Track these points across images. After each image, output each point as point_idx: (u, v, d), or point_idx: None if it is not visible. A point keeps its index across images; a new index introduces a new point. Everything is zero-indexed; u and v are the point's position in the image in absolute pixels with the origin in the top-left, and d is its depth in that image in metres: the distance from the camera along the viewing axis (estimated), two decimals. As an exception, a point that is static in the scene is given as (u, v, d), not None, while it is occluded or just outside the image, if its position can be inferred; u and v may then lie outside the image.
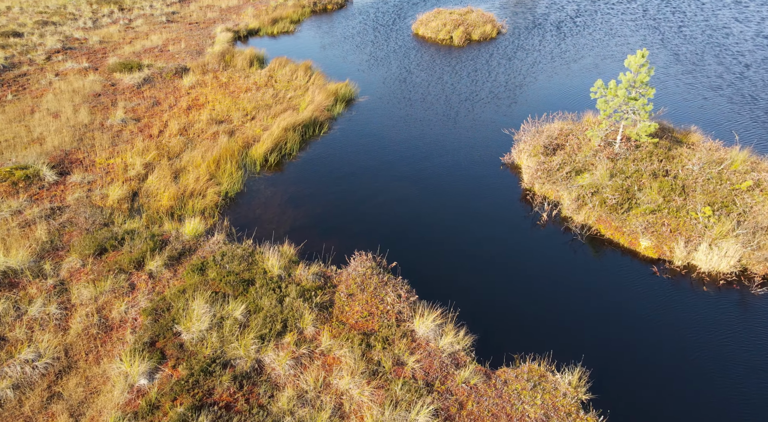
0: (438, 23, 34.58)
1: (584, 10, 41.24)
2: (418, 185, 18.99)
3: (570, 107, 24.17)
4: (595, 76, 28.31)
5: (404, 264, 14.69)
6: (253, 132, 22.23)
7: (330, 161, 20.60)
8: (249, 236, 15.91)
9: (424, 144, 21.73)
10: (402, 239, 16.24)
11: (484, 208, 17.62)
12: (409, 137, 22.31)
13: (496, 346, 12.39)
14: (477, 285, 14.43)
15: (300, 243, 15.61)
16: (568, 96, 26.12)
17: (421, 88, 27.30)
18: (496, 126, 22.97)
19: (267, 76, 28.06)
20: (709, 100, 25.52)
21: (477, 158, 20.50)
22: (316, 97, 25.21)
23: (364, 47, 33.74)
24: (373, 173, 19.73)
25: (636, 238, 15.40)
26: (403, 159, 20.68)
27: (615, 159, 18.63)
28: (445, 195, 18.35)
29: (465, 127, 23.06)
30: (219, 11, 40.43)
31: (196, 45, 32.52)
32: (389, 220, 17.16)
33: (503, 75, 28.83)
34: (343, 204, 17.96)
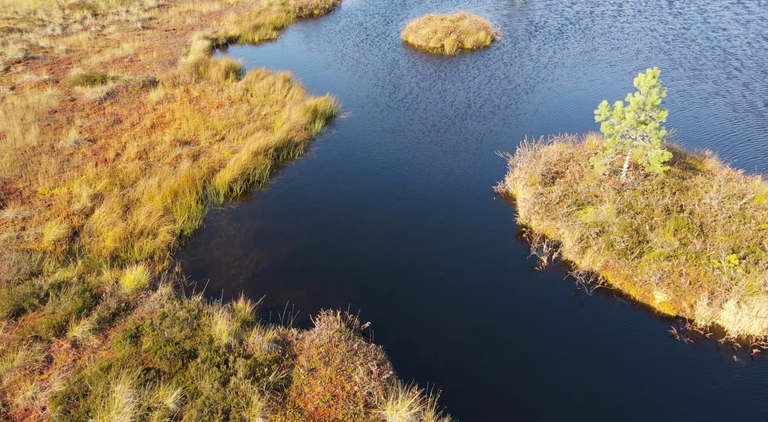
0: (428, 30, 32.28)
1: (582, 16, 38.99)
2: (401, 220, 16.68)
3: (570, 126, 21.91)
4: (596, 89, 26.05)
5: (380, 322, 12.41)
6: (220, 155, 19.90)
7: (303, 190, 18.28)
8: (201, 287, 13.60)
9: (410, 169, 19.44)
10: (379, 288, 13.94)
11: (474, 250, 15.33)
12: (392, 161, 20.01)
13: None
14: (464, 352, 12.15)
15: (260, 296, 13.31)
16: (567, 113, 23.85)
17: (408, 103, 25.00)
18: (490, 147, 20.69)
19: (242, 90, 25.72)
20: (723, 117, 23.29)
21: (468, 187, 18.21)
22: (293, 113, 22.88)
23: (349, 56, 31.41)
24: (351, 205, 17.42)
25: (650, 290, 13.14)
26: (386, 188, 18.37)
27: (622, 190, 16.37)
28: (431, 233, 16.05)
29: (455, 149, 20.76)
30: (199, 17, 38.05)
31: (169, 54, 30.13)
32: (366, 265, 14.85)
33: (497, 88, 26.55)
34: (314, 244, 15.65)
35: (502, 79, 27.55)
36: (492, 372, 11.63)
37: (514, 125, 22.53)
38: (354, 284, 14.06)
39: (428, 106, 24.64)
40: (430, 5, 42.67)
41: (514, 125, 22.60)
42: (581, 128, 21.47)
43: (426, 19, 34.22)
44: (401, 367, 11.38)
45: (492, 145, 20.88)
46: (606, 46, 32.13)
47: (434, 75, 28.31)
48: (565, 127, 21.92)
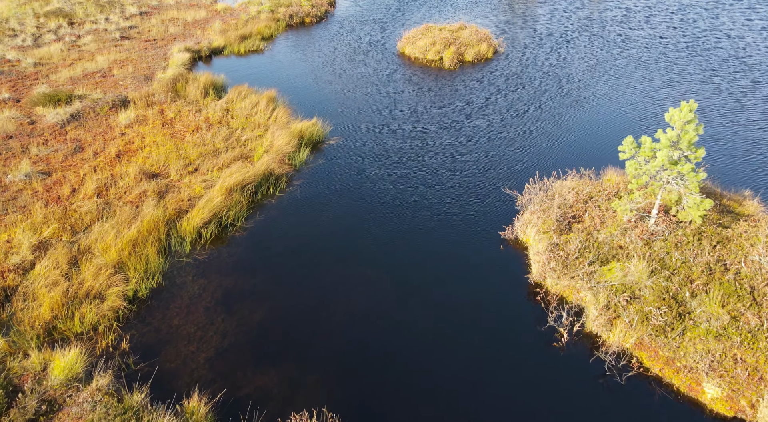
0: (426, 42, 29.74)
1: (589, 24, 36.49)
2: (394, 274, 14.15)
3: (585, 156, 19.41)
4: (611, 111, 23.52)
5: (367, 415, 9.93)
6: (191, 191, 17.34)
7: (282, 236, 15.73)
8: (151, 373, 11.06)
9: (404, 208, 16.91)
10: (368, 368, 11.43)
11: (479, 317, 12.81)
12: (384, 198, 17.48)
13: None
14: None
15: (222, 384, 10.80)
16: (581, 139, 21.34)
17: (403, 127, 22.46)
18: (495, 181, 18.17)
19: (222, 111, 23.13)
20: (749, 140, 20.83)
21: (471, 232, 15.69)
22: (276, 139, 20.32)
23: (341, 70, 28.85)
24: (336, 254, 14.88)
25: (698, 380, 10.66)
26: (377, 231, 15.85)
27: (651, 241, 13.89)
28: (428, 295, 13.53)
29: (456, 184, 18.24)
30: (183, 26, 35.41)
31: (146, 68, 27.52)
32: (352, 337, 12.32)
33: (501, 109, 24.03)
34: (292, 309, 13.12)
35: (507, 98, 25.01)
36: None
37: (522, 154, 20.01)
38: (338, 364, 11.55)
39: (426, 129, 22.10)
40: (428, 13, 40.12)
41: (522, 153, 20.08)
42: (598, 158, 19.00)
43: (423, 29, 31.67)
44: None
45: (498, 178, 18.37)
46: (618, 59, 29.61)
47: (433, 92, 25.77)
48: (580, 157, 19.41)
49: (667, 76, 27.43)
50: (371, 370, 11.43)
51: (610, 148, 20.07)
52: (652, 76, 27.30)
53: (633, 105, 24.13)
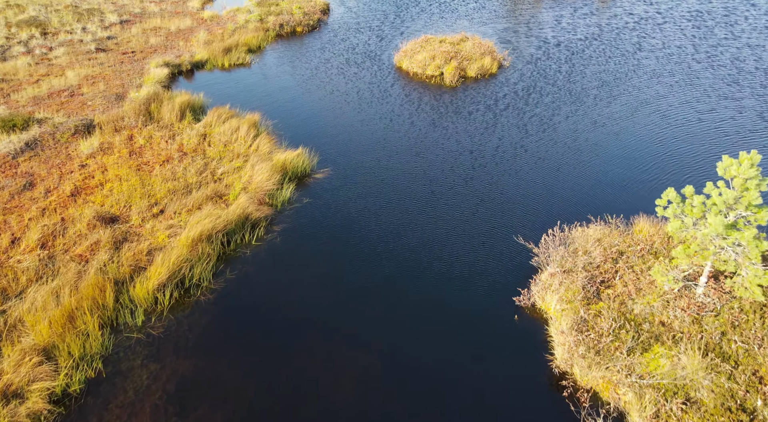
0: (425, 56, 27.07)
1: (598, 33, 33.84)
2: (386, 361, 11.52)
3: (610, 198, 16.78)
4: (634, 134, 20.86)
5: None
6: (153, 240, 14.70)
7: (256, 301, 13.08)
8: None
9: (400, 265, 14.27)
10: None
11: (490, 417, 10.20)
12: (377, 250, 14.83)
13: None
14: None
15: None
16: (604, 171, 18.72)
17: (400, 154, 19.81)
18: (505, 226, 15.55)
19: (199, 137, 20.47)
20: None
21: (478, 296, 13.05)
22: (256, 174, 17.67)
23: (333, 86, 26.20)
24: (319, 330, 12.22)
25: None
26: (367, 300, 13.21)
27: (700, 316, 11.28)
28: (425, 383, 10.89)
29: (460, 228, 15.61)
30: (165, 36, 32.70)
31: (119, 86, 24.83)
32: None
33: (511, 131, 21.39)
34: (264, 405, 10.49)
35: (516, 119, 22.35)
36: None
37: (535, 188, 17.38)
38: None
39: (426, 157, 19.46)
40: (428, 21, 37.43)
41: (535, 187, 17.45)
42: (626, 201, 16.40)
43: (422, 41, 28.99)
44: None
45: (508, 221, 15.74)
46: (633, 71, 26.96)
47: (433, 113, 23.11)
48: (603, 194, 16.77)
49: (686, 91, 24.80)
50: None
51: (637, 185, 17.46)
52: (670, 92, 24.67)
53: (658, 127, 21.49)
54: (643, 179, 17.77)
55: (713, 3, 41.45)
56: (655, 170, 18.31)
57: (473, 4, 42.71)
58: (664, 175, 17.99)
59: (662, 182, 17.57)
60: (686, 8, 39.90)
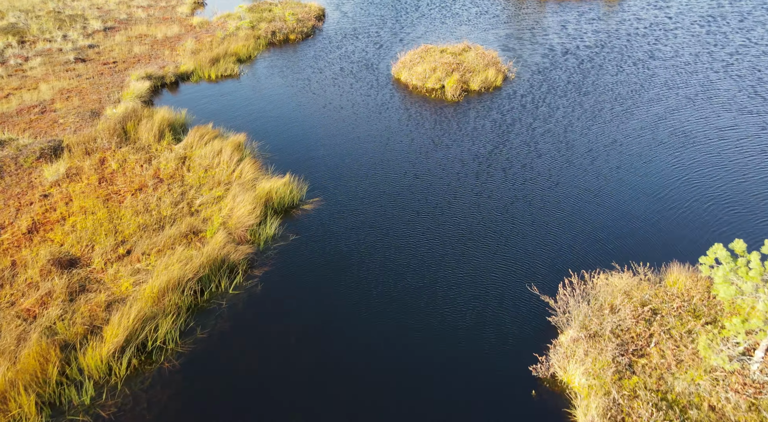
0: (425, 67, 25.09)
1: (607, 40, 31.85)
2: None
3: (633, 232, 14.81)
4: (657, 158, 18.88)
5: None
6: (115, 289, 12.76)
7: (229, 366, 11.09)
8: None
9: (396, 316, 12.32)
10: None
11: None
12: (370, 296, 12.86)
13: None
14: None
15: None
16: (626, 203, 16.77)
17: (399, 180, 17.85)
18: (516, 271, 13.59)
19: (178, 160, 18.52)
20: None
21: (488, 362, 11.08)
22: (238, 206, 15.71)
23: (327, 100, 24.24)
24: (302, 408, 10.29)
25: None
26: (357, 369, 11.26)
27: (758, 401, 9.35)
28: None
29: (464, 272, 13.65)
30: (151, 44, 30.70)
31: (96, 101, 22.86)
32: None
33: (518, 155, 19.43)
34: None
35: (524, 137, 20.38)
36: None
37: (549, 226, 15.42)
38: None
39: (425, 184, 17.49)
40: (429, 27, 35.44)
41: (549, 224, 15.49)
42: (654, 241, 14.45)
43: (422, 51, 27.01)
44: None
45: (520, 265, 13.78)
46: (648, 82, 24.99)
47: (434, 131, 21.14)
48: (627, 237, 14.80)
49: (705, 105, 22.84)
50: None
51: (665, 221, 15.51)
52: (688, 106, 22.70)
53: (679, 148, 19.53)
54: (671, 215, 15.81)
55: (725, 7, 39.49)
56: (682, 203, 16.35)
57: (475, 8, 40.75)
58: (692, 210, 16.03)
59: (692, 219, 15.61)
60: (698, 13, 37.92)
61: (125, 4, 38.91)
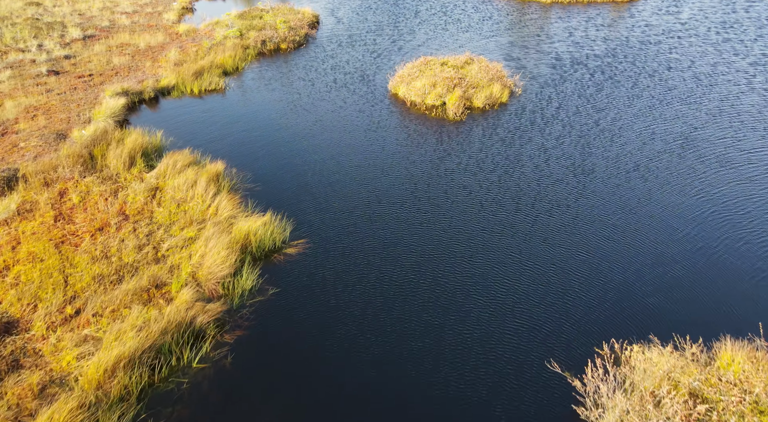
0: (425, 82, 22.88)
1: (618, 48, 29.65)
2: None
3: (672, 282, 12.61)
4: (688, 191, 16.69)
5: None
6: (56, 364, 10.58)
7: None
8: None
9: (393, 395, 10.14)
10: None
11: None
12: (360, 375, 10.69)
13: None
14: None
15: None
16: (657, 247, 14.58)
17: (395, 215, 15.65)
18: (533, 338, 11.40)
19: (148, 192, 16.33)
20: None
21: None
22: (210, 251, 13.52)
23: (317, 117, 22.04)
24: None
25: None
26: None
27: None
28: None
29: (470, 336, 11.48)
30: (132, 54, 28.46)
31: (64, 120, 20.65)
32: None
33: (530, 183, 17.24)
34: None
35: (536, 160, 18.19)
36: None
37: (570, 273, 13.23)
38: None
39: (427, 219, 15.29)
40: (429, 35, 33.20)
41: (569, 271, 13.30)
42: (698, 301, 12.24)
43: (421, 64, 24.79)
44: None
45: (536, 329, 11.60)
46: (669, 97, 22.77)
47: (435, 155, 18.95)
48: (664, 293, 12.60)
49: (731, 123, 20.65)
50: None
51: (710, 273, 13.32)
52: (712, 124, 20.51)
53: (710, 176, 17.35)
54: (714, 264, 13.62)
55: (739, 13, 37.28)
56: (729, 248, 14.14)
57: (477, 14, 38.53)
58: (743, 257, 13.82)
59: (743, 270, 13.41)
60: (712, 19, 35.70)
61: (109, 10, 36.64)
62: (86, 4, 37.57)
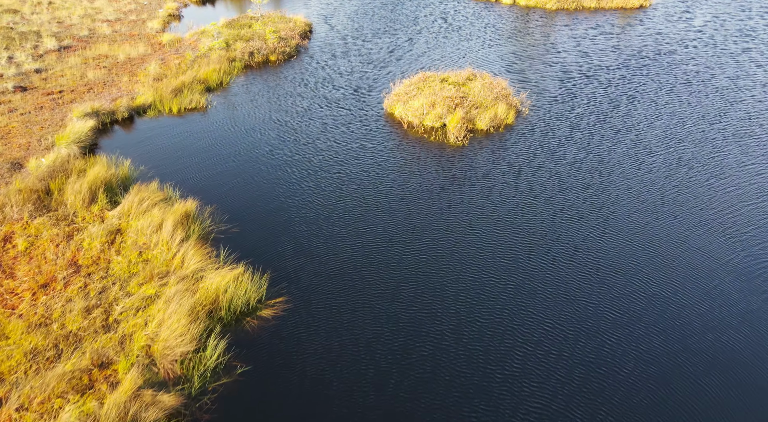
0: (424, 102, 20.63)
1: (630, 59, 27.39)
2: None
3: (727, 361, 10.40)
4: (749, 234, 14.45)
5: None
6: (-38, 482, 8.34)
7: None
8: None
9: None
10: None
11: None
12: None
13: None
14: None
15: None
16: (705, 315, 12.35)
17: (392, 263, 13.40)
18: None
19: (108, 235, 14.09)
20: None
21: None
22: (170, 318, 11.28)
23: (303, 140, 19.79)
24: None
25: None
26: None
27: None
28: None
29: None
30: (110, 67, 26.20)
31: (23, 146, 18.40)
32: None
33: (542, 226, 14.99)
34: None
35: (551, 192, 15.94)
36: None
37: (601, 347, 11.01)
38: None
39: (430, 267, 13.05)
40: (427, 44, 30.91)
41: (601, 343, 11.08)
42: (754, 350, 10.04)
43: (420, 81, 22.53)
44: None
45: (557, 419, 9.39)
46: (692, 117, 20.53)
47: (435, 186, 16.69)
48: (717, 372, 10.38)
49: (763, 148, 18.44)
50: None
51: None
52: (737, 147, 18.29)
53: (756, 215, 15.13)
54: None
55: (755, 20, 35.01)
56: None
57: (478, 22, 36.25)
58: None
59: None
60: (727, 27, 33.42)
61: (90, 17, 34.34)
62: (67, 11, 35.27)
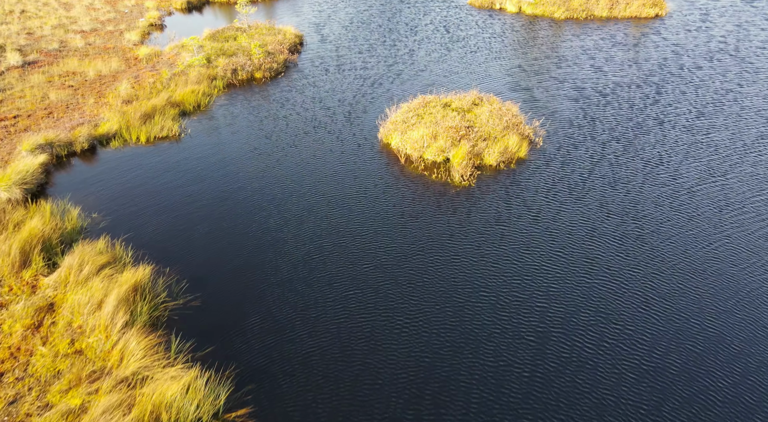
0: (424, 132, 17.84)
1: (650, 75, 24.61)
2: None
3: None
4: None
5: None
6: None
7: None
8: None
9: None
10: None
11: None
12: None
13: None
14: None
15: None
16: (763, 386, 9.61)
17: (383, 354, 10.66)
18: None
19: (36, 315, 11.34)
20: None
21: None
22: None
23: (287, 178, 17.02)
24: None
25: None
26: None
27: None
28: None
29: None
30: (77, 86, 23.41)
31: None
32: None
33: (566, 286, 12.23)
34: None
35: (574, 255, 13.16)
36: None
37: None
38: None
39: (434, 343, 10.30)
40: (427, 57, 28.09)
41: None
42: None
43: (419, 106, 19.73)
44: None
45: None
46: (733, 148, 17.78)
47: (435, 241, 13.90)
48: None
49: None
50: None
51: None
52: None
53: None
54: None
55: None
56: None
57: (483, 32, 33.44)
58: None
59: None
60: (752, 37, 30.60)
61: (63, 28, 31.51)
62: (39, 20, 32.46)
